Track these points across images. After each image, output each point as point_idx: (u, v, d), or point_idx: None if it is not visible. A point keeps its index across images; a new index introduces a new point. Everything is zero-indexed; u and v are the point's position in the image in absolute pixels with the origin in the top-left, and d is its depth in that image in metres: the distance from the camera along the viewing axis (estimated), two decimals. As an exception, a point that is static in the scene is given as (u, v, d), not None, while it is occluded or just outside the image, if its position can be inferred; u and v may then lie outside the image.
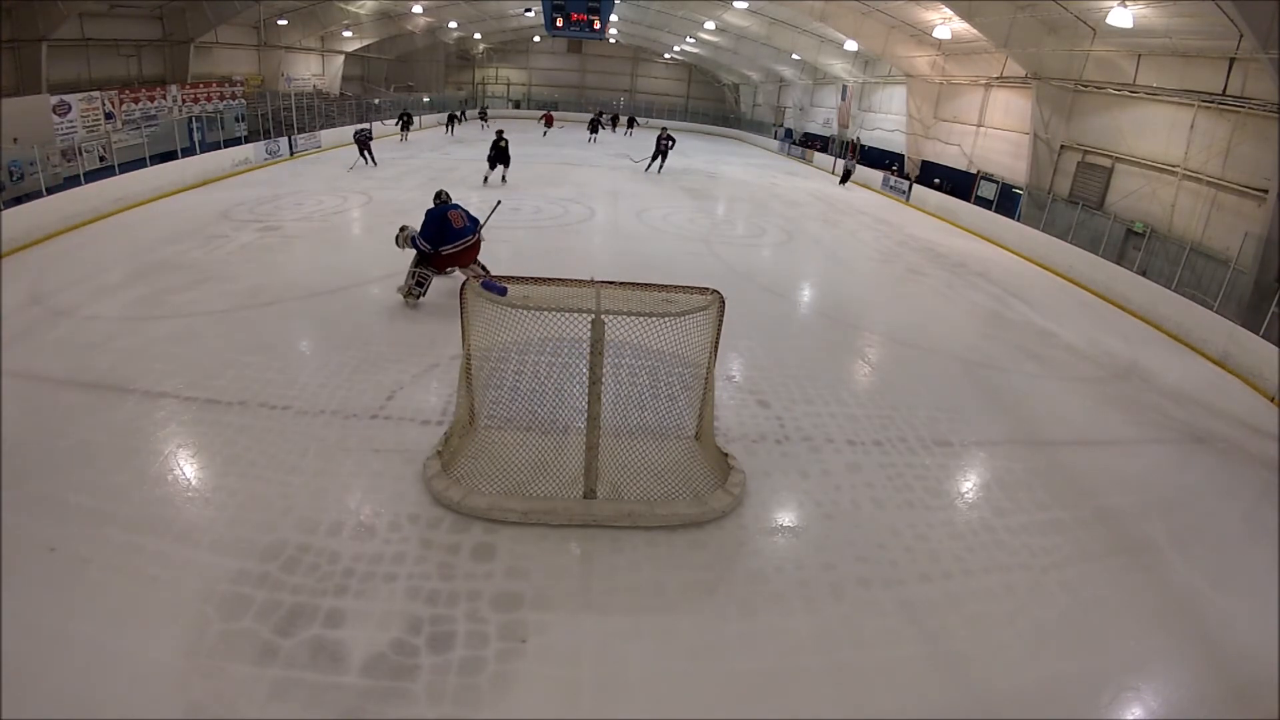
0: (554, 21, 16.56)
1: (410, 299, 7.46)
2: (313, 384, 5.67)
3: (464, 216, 7.31)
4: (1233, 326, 8.90)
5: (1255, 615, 4.05)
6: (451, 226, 7.18)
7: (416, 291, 7.44)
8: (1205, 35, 10.46)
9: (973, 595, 3.94)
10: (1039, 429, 6.21)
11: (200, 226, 10.52)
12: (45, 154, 10.85)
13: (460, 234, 7.20)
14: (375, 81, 33.24)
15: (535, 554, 3.92)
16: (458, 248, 7.20)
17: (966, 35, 15.65)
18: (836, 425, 5.74)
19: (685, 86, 42.56)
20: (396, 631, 3.32)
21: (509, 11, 31.13)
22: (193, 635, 3.21)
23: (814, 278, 10.89)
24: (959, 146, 18.97)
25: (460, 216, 7.27)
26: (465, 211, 7.43)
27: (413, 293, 7.45)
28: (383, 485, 4.43)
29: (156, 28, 19.17)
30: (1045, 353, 8.29)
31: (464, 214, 7.35)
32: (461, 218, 7.28)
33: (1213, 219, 11.08)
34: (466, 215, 7.38)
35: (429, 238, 7.17)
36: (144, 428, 4.90)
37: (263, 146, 16.94)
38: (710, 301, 4.39)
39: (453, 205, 7.41)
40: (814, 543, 4.27)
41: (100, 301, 7.21)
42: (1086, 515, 4.87)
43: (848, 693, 3.25)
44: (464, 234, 7.21)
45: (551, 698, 3.09)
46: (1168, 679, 3.58)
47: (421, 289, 7.46)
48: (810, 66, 28.35)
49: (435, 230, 7.15)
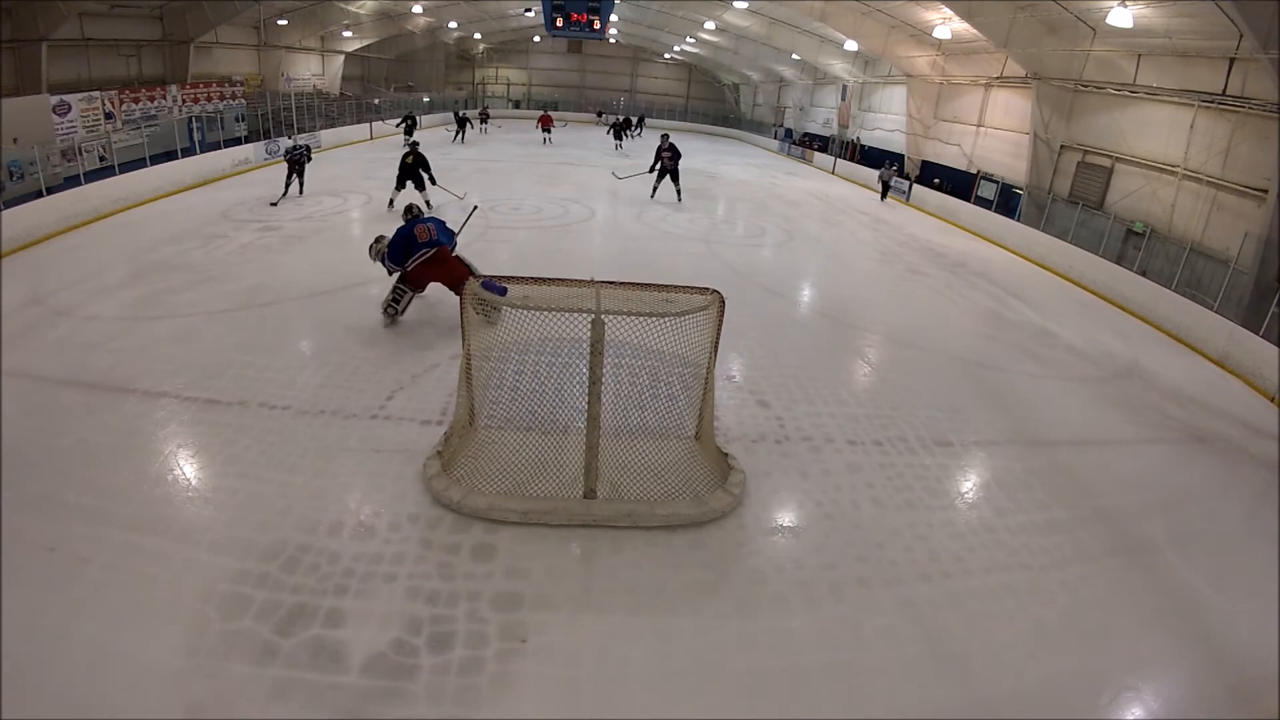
0: (554, 21, 16.54)
1: (386, 317, 7.06)
2: (312, 384, 5.67)
3: (433, 230, 6.92)
4: (1233, 326, 8.89)
5: (1255, 615, 4.05)
6: (416, 240, 6.83)
7: (391, 310, 7.02)
8: (1205, 35, 10.46)
9: (973, 595, 3.94)
10: (1039, 429, 6.21)
11: (200, 226, 10.52)
12: (45, 154, 10.84)
13: (426, 245, 6.83)
14: (375, 81, 33.22)
15: (535, 554, 3.92)
16: (421, 258, 6.82)
17: (966, 35, 15.65)
18: (836, 425, 5.74)
19: (685, 86, 42.54)
20: (396, 631, 3.32)
21: (509, 11, 31.11)
22: (193, 635, 3.21)
23: (814, 278, 10.88)
24: (959, 146, 18.96)
25: (428, 230, 6.89)
26: (440, 224, 7.08)
27: (388, 310, 7.02)
28: (383, 485, 4.43)
29: (156, 28, 19.16)
30: (1045, 353, 8.29)
31: (435, 227, 6.96)
32: (429, 230, 6.89)
33: (1213, 219, 11.08)
34: (439, 228, 7.02)
35: (395, 256, 6.87)
36: (144, 428, 4.90)
37: (263, 146, 16.94)
38: (710, 301, 4.39)
39: (423, 220, 7.05)
40: (814, 543, 4.27)
41: (100, 301, 7.21)
42: (1086, 515, 4.87)
43: (848, 693, 3.25)
44: (431, 244, 6.84)
45: (551, 698, 3.09)
46: (1168, 679, 3.58)
47: (396, 308, 7.02)
48: (810, 66, 28.34)
49: (400, 248, 6.84)
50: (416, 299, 7.30)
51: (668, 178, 14.79)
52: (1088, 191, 14.01)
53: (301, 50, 26.28)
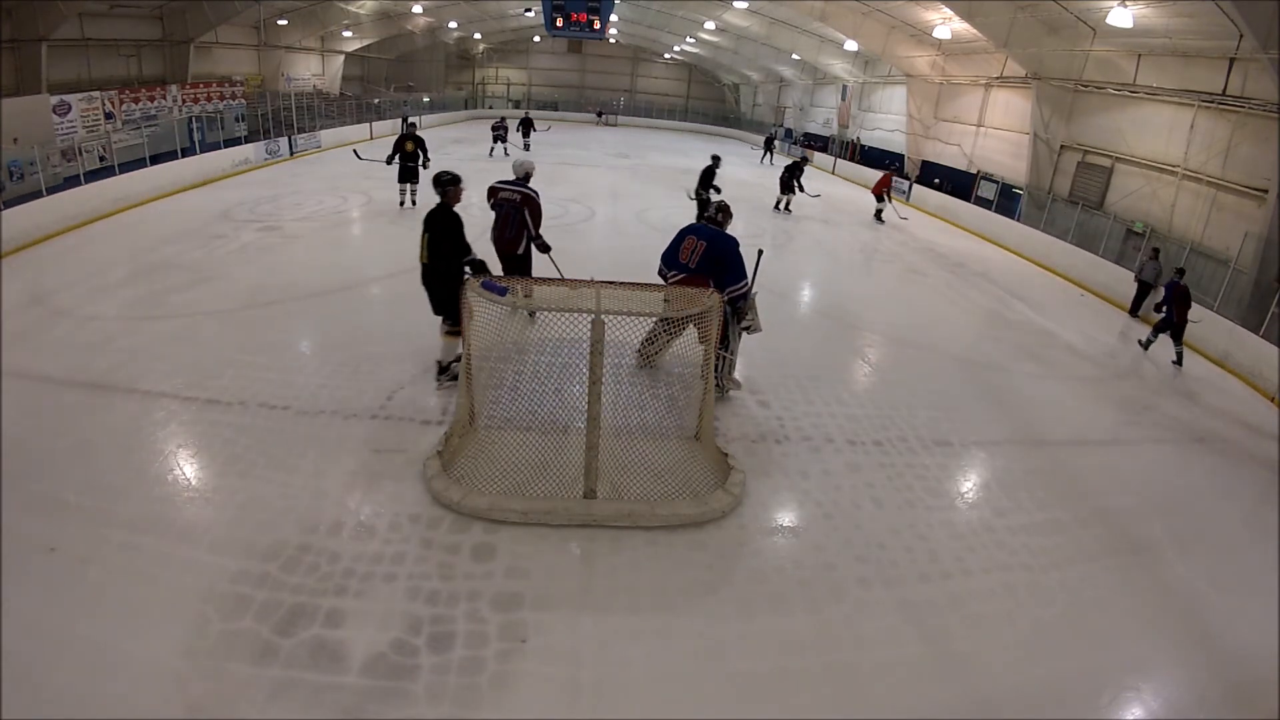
0: (554, 21, 16.51)
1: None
2: (313, 384, 5.67)
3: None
4: (1233, 326, 8.90)
5: (1255, 615, 4.05)
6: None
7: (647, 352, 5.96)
8: (1205, 35, 10.46)
9: (973, 595, 3.94)
10: (1039, 429, 6.21)
11: (200, 226, 10.52)
12: (45, 154, 10.83)
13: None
14: (375, 81, 33.24)
15: (535, 554, 3.92)
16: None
17: (966, 35, 15.65)
18: (836, 425, 5.74)
19: (685, 86, 42.55)
20: (396, 631, 3.32)
21: (509, 11, 31.12)
22: (193, 635, 3.21)
23: (814, 277, 10.88)
24: (959, 146, 18.97)
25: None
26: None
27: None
28: (383, 485, 4.43)
29: (156, 28, 19.16)
30: (1045, 353, 8.30)
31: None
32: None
33: (1213, 219, 11.08)
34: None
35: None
36: (144, 428, 4.90)
37: (263, 146, 16.93)
38: (710, 302, 4.40)
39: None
40: (814, 543, 4.27)
41: (100, 301, 7.21)
42: (1086, 515, 4.87)
43: (848, 693, 3.25)
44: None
45: (551, 698, 3.09)
46: (1168, 679, 3.58)
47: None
48: (810, 66, 28.35)
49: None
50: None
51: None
52: (1088, 191, 14.02)
53: (301, 50, 26.29)
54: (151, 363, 5.82)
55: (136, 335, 6.41)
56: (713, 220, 5.92)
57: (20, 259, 8.61)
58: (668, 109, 40.96)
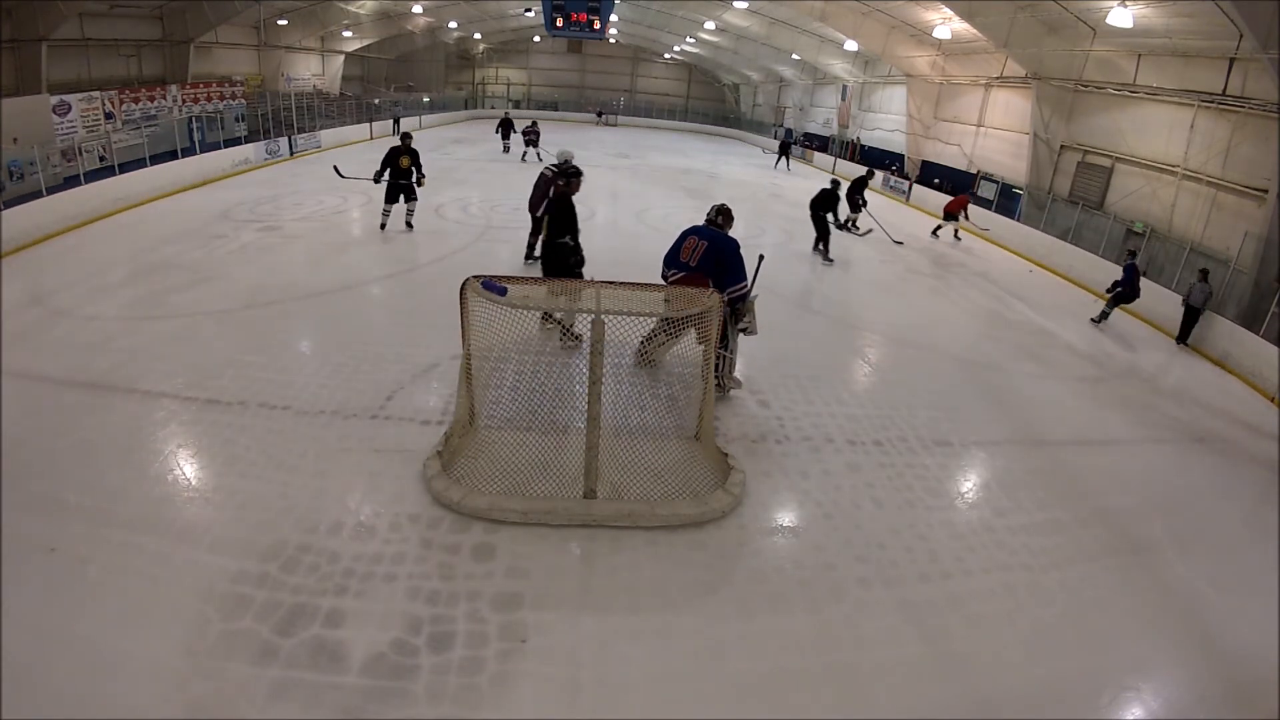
0: (554, 21, 16.51)
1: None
2: (312, 384, 5.67)
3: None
4: (1233, 326, 8.90)
5: (1255, 615, 4.05)
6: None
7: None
8: (1205, 35, 10.46)
9: (973, 595, 3.94)
10: (1039, 429, 6.21)
11: (200, 226, 10.52)
12: (45, 154, 10.83)
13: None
14: (375, 81, 33.24)
15: (535, 554, 3.92)
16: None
17: (966, 35, 15.65)
18: (836, 425, 5.74)
19: (685, 86, 42.54)
20: (396, 631, 3.32)
21: (509, 11, 31.11)
22: (193, 635, 3.21)
23: (814, 277, 10.88)
24: (959, 146, 18.97)
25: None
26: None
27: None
28: (383, 485, 4.43)
29: (156, 28, 19.16)
30: (1045, 353, 8.30)
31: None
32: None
33: (1213, 219, 11.08)
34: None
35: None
36: (144, 428, 4.90)
37: (263, 146, 16.93)
38: (710, 301, 4.40)
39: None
40: (814, 543, 4.27)
41: (100, 301, 7.21)
42: (1086, 515, 4.87)
43: (848, 693, 3.25)
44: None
45: (551, 698, 3.09)
46: (1168, 679, 3.58)
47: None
48: (810, 66, 28.34)
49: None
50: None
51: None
52: (1088, 191, 14.02)
53: (301, 50, 26.29)
54: (151, 363, 5.82)
55: (136, 335, 6.41)
56: (712, 222, 5.97)
57: (20, 259, 8.61)
58: (668, 109, 40.95)
